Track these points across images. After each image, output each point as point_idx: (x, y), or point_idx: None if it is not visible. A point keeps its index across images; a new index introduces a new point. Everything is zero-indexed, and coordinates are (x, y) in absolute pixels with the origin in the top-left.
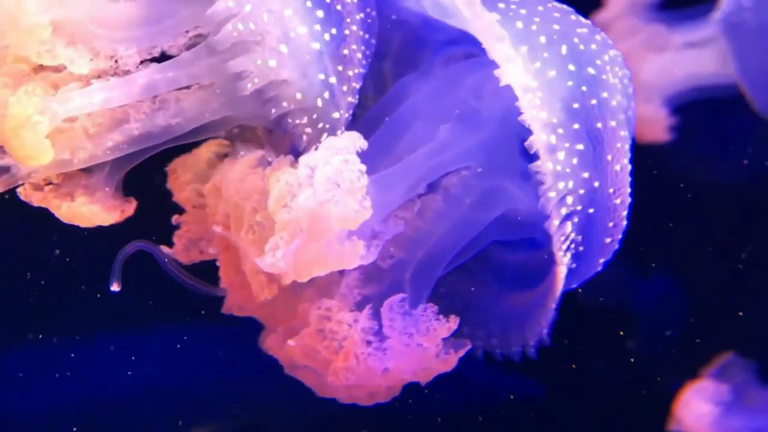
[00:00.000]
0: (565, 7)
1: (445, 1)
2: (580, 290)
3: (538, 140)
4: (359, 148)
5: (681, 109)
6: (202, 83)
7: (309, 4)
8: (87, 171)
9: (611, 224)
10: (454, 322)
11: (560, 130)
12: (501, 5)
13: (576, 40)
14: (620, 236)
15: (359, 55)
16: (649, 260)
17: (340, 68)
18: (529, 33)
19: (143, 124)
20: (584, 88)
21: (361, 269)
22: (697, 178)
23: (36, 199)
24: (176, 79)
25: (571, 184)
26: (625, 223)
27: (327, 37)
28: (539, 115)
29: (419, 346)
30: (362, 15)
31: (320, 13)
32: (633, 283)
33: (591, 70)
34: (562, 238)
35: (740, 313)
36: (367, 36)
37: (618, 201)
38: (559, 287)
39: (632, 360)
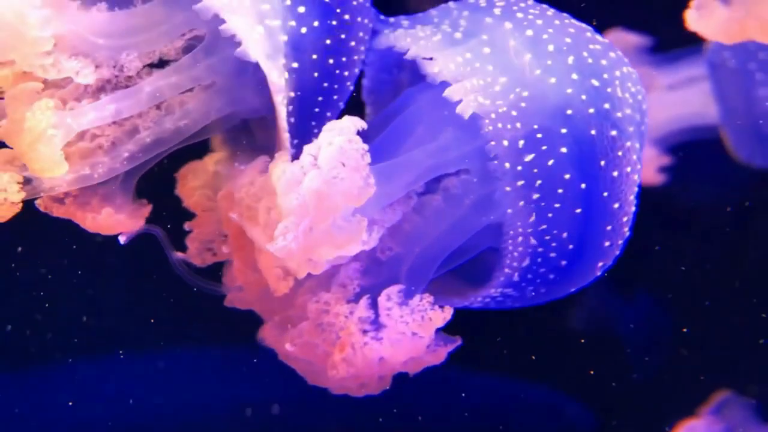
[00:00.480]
0: (583, 25)
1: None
2: (573, 317)
3: (498, 146)
4: (360, 128)
5: (670, 149)
6: (203, 84)
7: None
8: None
9: (609, 228)
10: (448, 312)
11: (539, 135)
12: (519, 15)
13: (585, 53)
14: (621, 242)
15: (353, 43)
16: (640, 290)
17: (314, 57)
18: (538, 41)
19: (153, 131)
20: (584, 97)
21: (361, 261)
22: (685, 208)
23: (57, 211)
24: (179, 83)
25: (539, 182)
26: (627, 230)
27: (314, 24)
28: (503, 128)
29: (414, 335)
30: (359, 18)
31: (301, 9)
32: (624, 316)
33: (595, 82)
34: (518, 223)
35: (737, 348)
36: (361, 34)
37: (616, 205)
38: (503, 272)
39: (624, 395)
